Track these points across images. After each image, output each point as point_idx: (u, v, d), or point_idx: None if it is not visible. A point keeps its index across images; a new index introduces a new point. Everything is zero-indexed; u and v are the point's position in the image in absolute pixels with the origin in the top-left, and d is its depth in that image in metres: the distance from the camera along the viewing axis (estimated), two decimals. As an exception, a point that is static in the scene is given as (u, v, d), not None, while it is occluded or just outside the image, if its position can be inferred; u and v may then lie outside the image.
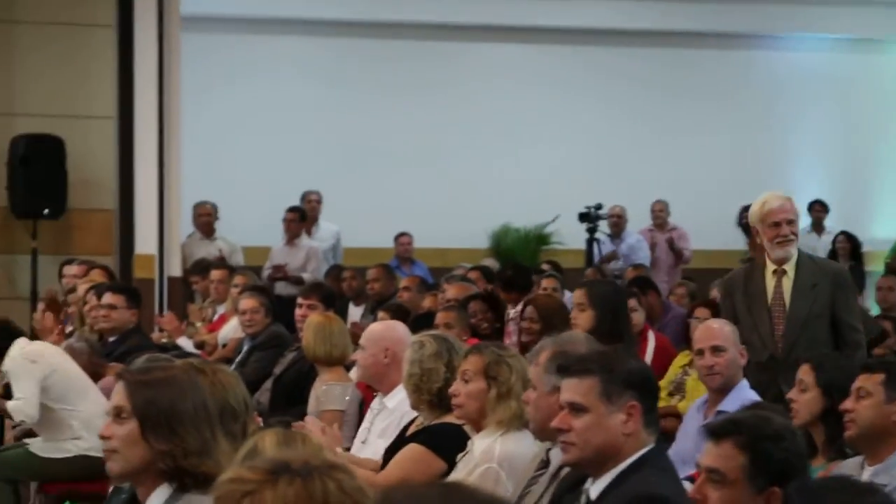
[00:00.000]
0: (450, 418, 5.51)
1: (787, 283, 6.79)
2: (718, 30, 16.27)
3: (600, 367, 4.13)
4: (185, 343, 9.93)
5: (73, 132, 12.75)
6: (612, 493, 4.03)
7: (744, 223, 7.61)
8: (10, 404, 7.40)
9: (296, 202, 13.84)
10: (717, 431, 3.79)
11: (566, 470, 4.50)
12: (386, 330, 6.56)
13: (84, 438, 7.28)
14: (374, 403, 6.49)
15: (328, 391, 7.18)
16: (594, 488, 4.11)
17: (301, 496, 2.55)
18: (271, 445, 3.60)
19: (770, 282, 6.82)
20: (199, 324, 10.71)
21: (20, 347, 7.50)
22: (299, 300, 8.68)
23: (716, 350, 6.13)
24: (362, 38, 15.84)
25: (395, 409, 6.24)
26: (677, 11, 15.98)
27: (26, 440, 7.67)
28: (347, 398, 7.17)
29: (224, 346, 9.84)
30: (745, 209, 7.51)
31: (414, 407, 5.75)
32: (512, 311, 10.04)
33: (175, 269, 12.87)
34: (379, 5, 15.66)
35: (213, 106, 15.06)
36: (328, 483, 2.57)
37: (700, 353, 6.19)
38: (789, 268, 6.80)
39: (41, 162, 12.47)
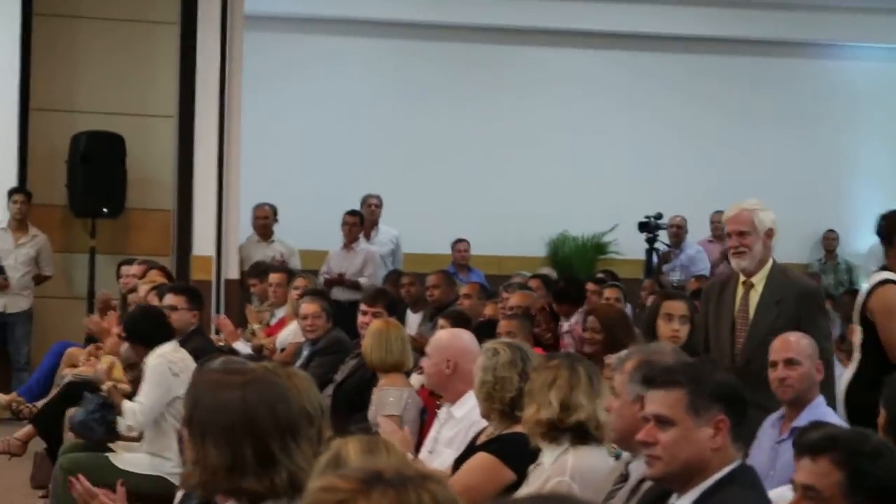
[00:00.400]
0: (520, 428, 5.40)
1: (754, 297, 6.69)
2: (785, 38, 16.09)
3: (688, 379, 4.01)
4: (242, 346, 9.84)
5: (133, 130, 12.73)
6: (700, 510, 3.91)
7: (881, 232, 7.37)
8: (127, 404, 7.22)
9: (355, 206, 13.75)
10: (814, 448, 3.66)
11: (647, 484, 4.39)
12: (452, 339, 6.44)
13: (174, 461, 7.14)
14: (441, 413, 6.39)
15: (383, 396, 7.13)
16: (680, 504, 3.99)
17: (395, 507, 2.45)
18: (356, 453, 3.50)
19: (739, 294, 6.72)
20: (256, 327, 10.63)
21: (170, 351, 7.35)
22: (363, 307, 8.59)
23: (789, 363, 6.00)
24: (423, 40, 15.74)
25: (463, 419, 6.13)
26: (742, 19, 15.81)
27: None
28: (404, 403, 7.08)
29: (282, 350, 9.75)
30: (884, 217, 7.34)
31: (485, 415, 5.64)
32: (565, 324, 9.95)
33: (232, 271, 12.80)
34: (440, 7, 15.55)
35: (275, 107, 15.01)
36: (422, 494, 2.47)
37: (773, 365, 6.05)
38: (757, 280, 6.70)
39: (101, 160, 12.45)
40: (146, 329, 7.48)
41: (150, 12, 13.01)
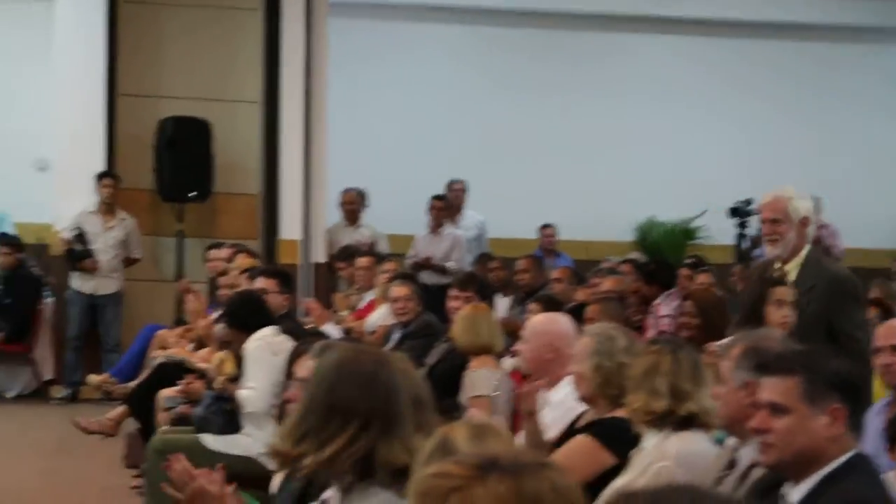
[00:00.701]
0: (620, 412, 5.32)
1: None
2: (880, 25, 15.83)
3: (803, 366, 3.91)
4: (331, 330, 9.80)
5: (219, 115, 12.76)
6: (817, 499, 3.81)
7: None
8: (241, 393, 7.18)
9: (441, 190, 13.70)
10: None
11: (757, 471, 4.29)
12: (550, 323, 6.38)
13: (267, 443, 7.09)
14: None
15: (475, 377, 7.09)
16: (795, 493, 3.89)
17: (512, 494, 2.36)
18: (464, 440, 3.42)
19: None
20: (344, 311, 10.60)
21: (269, 335, 7.31)
22: (454, 291, 8.53)
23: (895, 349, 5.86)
24: (510, 27, 15.64)
25: (560, 403, 6.06)
26: (837, 6, 15.58)
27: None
28: (496, 384, 7.04)
29: (372, 333, 9.71)
30: None
31: (589, 400, 5.55)
32: (661, 307, 9.84)
33: (319, 254, 12.80)
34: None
35: (360, 92, 14.97)
36: (541, 481, 2.39)
37: (879, 351, 5.92)
38: (791, 268, 6.68)
39: (188, 145, 12.49)
40: (245, 314, 7.45)
41: (235, -2, 13.06)
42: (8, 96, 14.48)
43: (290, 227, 12.74)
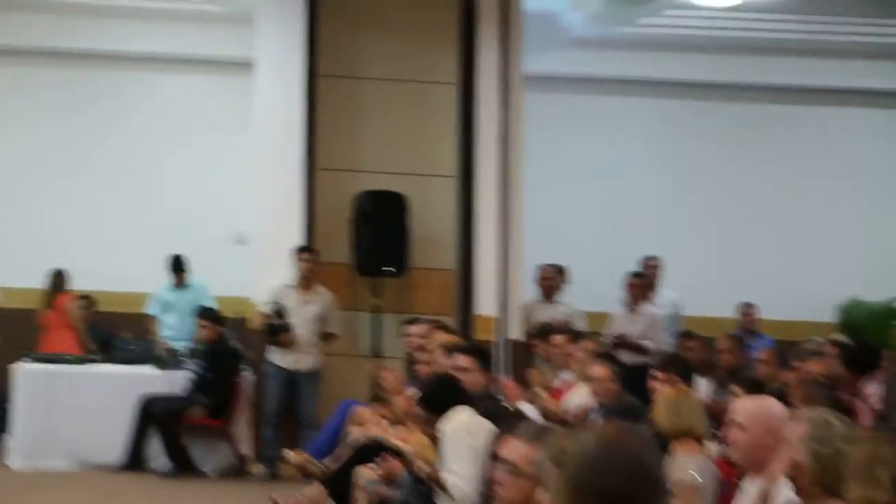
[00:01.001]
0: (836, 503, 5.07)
1: None
2: None
3: None
4: (527, 409, 9.65)
5: (415, 190, 12.78)
6: None
7: None
8: (448, 479, 7.08)
9: (635, 267, 13.49)
10: None
11: None
12: (766, 408, 6.11)
13: None
14: (748, 486, 6.07)
15: (683, 464, 6.85)
16: None
17: None
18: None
19: None
20: (540, 389, 10.45)
21: (466, 416, 7.22)
22: (656, 372, 8.34)
23: None
24: (706, 100, 15.44)
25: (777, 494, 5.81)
26: None
27: None
28: (699, 470, 6.80)
29: (570, 413, 9.53)
30: None
31: (805, 490, 5.30)
32: (867, 390, 9.49)
33: (515, 331, 12.68)
34: (720, 67, 15.23)
35: (555, 166, 14.89)
36: None
37: None
38: None
39: (384, 219, 12.51)
40: (441, 395, 7.36)
41: (430, 73, 13.08)
42: (208, 169, 14.79)
43: (485, 303, 12.66)
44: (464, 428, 7.09)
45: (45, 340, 13.80)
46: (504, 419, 7.24)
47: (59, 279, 13.91)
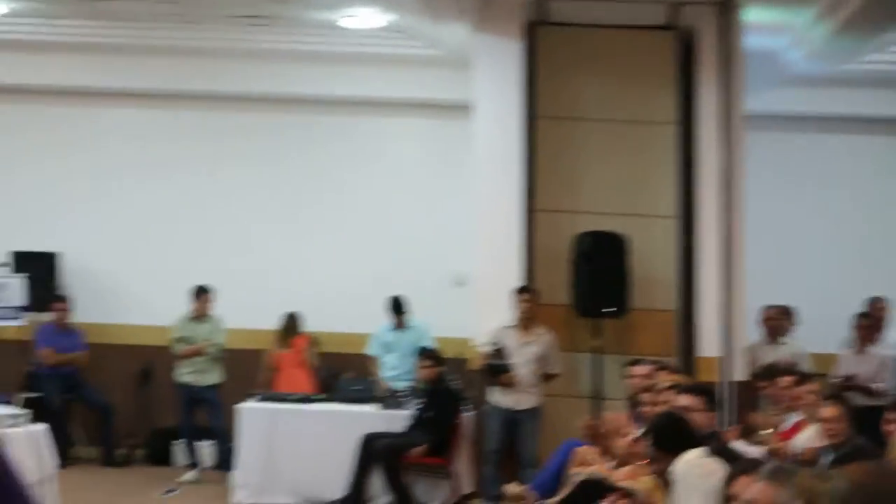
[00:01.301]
0: None
1: None
2: None
3: None
4: (748, 449, 9.47)
5: (635, 230, 12.69)
6: None
7: None
8: None
9: (861, 308, 13.17)
10: None
11: None
12: None
13: None
14: None
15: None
16: None
17: None
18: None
19: None
20: (765, 431, 10.25)
21: (697, 457, 7.12)
22: (890, 414, 8.11)
23: None
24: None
25: None
26: None
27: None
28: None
29: (799, 454, 9.32)
30: None
31: None
32: None
33: (739, 372, 12.47)
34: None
35: (777, 205, 14.66)
36: None
37: None
38: None
39: (604, 260, 12.44)
40: (670, 435, 7.26)
41: (648, 113, 13.00)
42: (428, 211, 14.95)
43: (708, 344, 12.49)
44: (697, 470, 6.96)
45: (278, 380, 14.14)
46: (733, 459, 7.11)
47: (293, 321, 14.32)
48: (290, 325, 14.35)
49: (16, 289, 14.09)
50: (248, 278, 14.96)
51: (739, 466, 5.62)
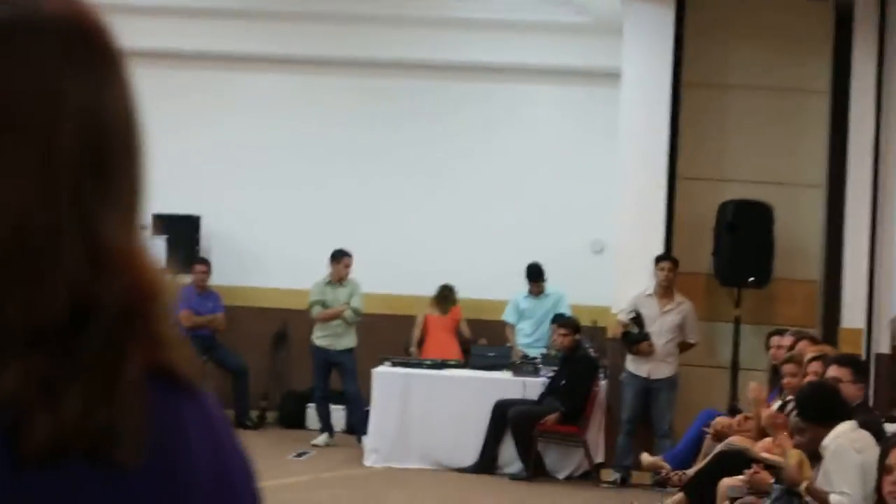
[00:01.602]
0: None
1: None
2: None
3: None
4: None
5: (781, 199, 12.40)
6: None
7: None
8: (834, 498, 6.71)
9: None
10: None
11: None
12: None
13: None
14: None
15: None
16: None
17: None
18: None
19: None
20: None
21: (848, 430, 6.88)
22: None
23: None
24: None
25: None
26: None
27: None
28: None
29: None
30: None
31: None
32: None
33: (884, 345, 12.10)
34: None
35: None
36: None
37: None
38: None
39: (748, 229, 12.18)
40: (820, 406, 6.98)
41: (801, 81, 12.69)
42: (569, 178, 14.76)
43: (852, 316, 12.12)
44: (849, 444, 6.69)
45: (427, 344, 14.08)
46: (880, 433, 6.85)
47: (449, 292, 14.18)
48: (446, 296, 14.25)
49: (155, 251, 14.15)
50: (383, 243, 14.89)
51: (891, 439, 5.39)
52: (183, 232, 14.57)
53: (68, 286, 1.14)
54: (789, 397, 8.75)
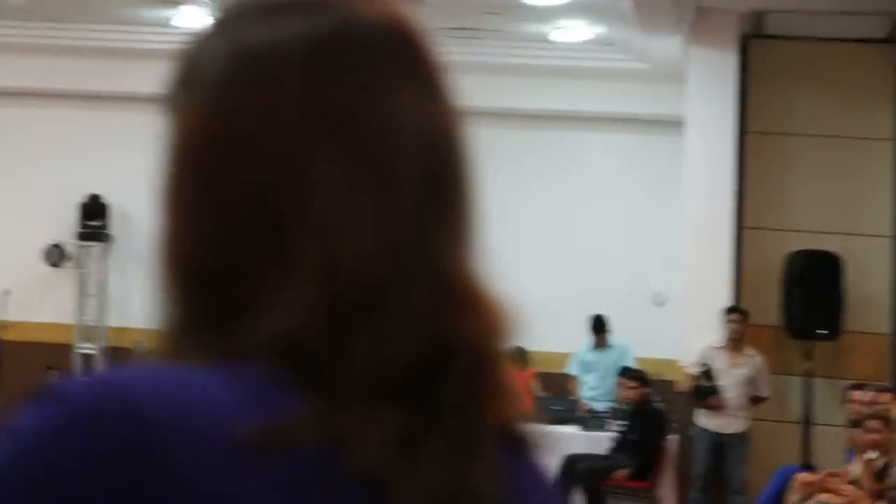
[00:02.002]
0: None
1: None
2: None
3: None
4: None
5: (849, 250, 12.26)
6: None
7: None
8: None
9: None
10: None
11: None
12: None
13: None
14: None
15: None
16: None
17: None
18: None
19: None
20: None
21: None
22: None
23: None
24: None
25: None
26: None
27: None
28: None
29: None
30: None
31: None
32: None
33: (957, 402, 11.92)
34: None
35: None
36: None
37: None
38: None
39: (817, 280, 12.04)
40: None
41: (865, 129, 12.58)
42: (631, 228, 14.66)
43: (923, 370, 12.00)
44: None
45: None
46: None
47: (521, 353, 13.67)
48: (519, 357, 14.04)
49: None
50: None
51: None
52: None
53: (419, 329, 1.00)
54: (873, 454, 8.64)
